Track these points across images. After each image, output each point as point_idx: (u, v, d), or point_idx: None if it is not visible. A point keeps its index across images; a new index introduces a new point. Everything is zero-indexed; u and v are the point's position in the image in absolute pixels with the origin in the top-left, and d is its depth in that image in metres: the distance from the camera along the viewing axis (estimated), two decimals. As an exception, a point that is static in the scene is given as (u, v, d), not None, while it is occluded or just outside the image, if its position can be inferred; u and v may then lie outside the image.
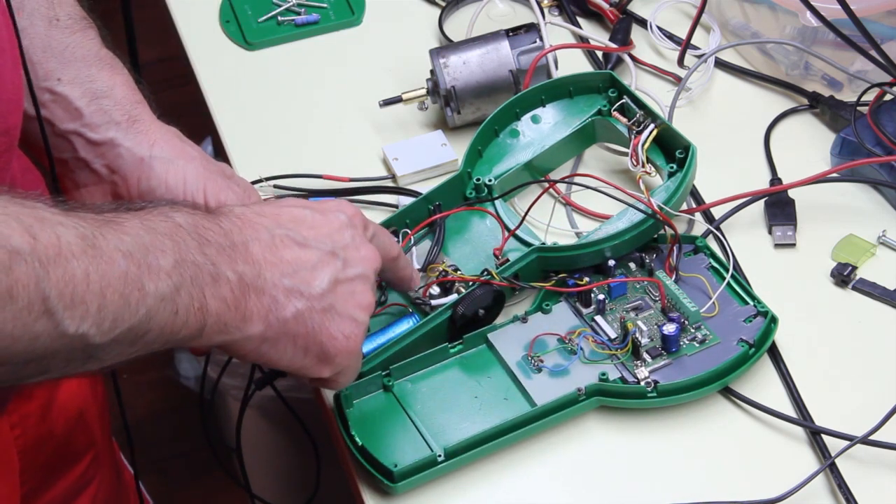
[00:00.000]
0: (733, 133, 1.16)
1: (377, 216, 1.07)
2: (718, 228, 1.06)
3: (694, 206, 1.08)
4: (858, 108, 1.11)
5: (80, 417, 1.12)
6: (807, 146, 1.14)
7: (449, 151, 1.13)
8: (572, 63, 1.22)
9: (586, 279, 0.99)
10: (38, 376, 0.71)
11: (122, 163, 0.96)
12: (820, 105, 1.16)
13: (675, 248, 1.00)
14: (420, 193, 1.05)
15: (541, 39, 1.15)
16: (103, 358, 0.73)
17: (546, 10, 1.27)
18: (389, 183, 1.12)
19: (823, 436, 0.92)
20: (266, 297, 0.80)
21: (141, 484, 1.33)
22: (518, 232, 1.02)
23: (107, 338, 0.71)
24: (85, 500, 1.14)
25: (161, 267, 0.73)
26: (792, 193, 1.08)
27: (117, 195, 0.97)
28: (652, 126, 1.05)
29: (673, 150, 1.05)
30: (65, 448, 1.10)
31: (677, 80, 1.19)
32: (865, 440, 0.91)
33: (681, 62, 1.20)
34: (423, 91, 1.16)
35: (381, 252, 0.89)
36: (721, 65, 1.22)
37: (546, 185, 1.08)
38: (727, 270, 1.00)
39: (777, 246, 1.06)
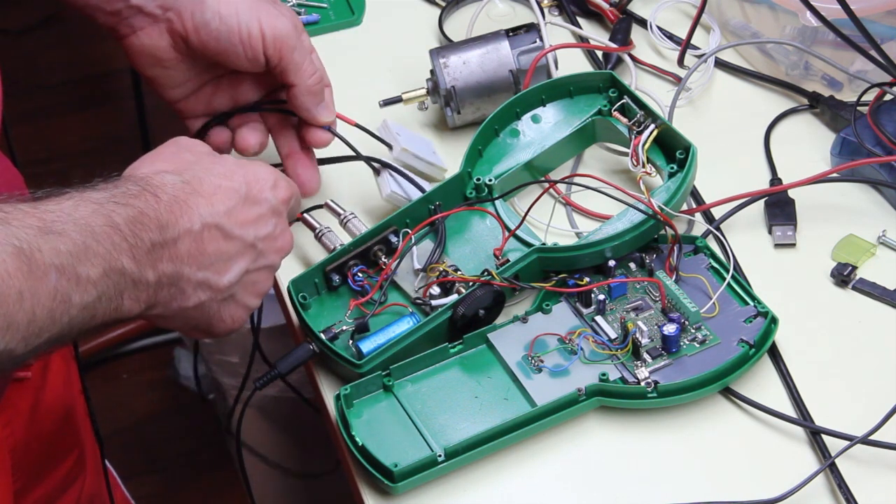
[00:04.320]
0: (733, 133, 1.16)
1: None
2: (718, 228, 1.06)
3: (694, 206, 1.08)
4: (858, 108, 1.11)
5: (67, 417, 1.12)
6: (807, 146, 1.14)
7: (439, 158, 1.12)
8: (572, 63, 1.22)
9: (586, 279, 0.99)
10: None
11: (173, 1, 0.98)
12: (820, 105, 1.16)
13: (675, 248, 1.00)
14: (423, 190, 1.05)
15: (541, 39, 1.15)
16: (21, 362, 0.75)
17: (546, 10, 1.27)
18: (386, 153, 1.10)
19: (823, 436, 0.92)
20: (175, 289, 0.83)
21: (123, 485, 1.34)
22: (518, 232, 1.02)
23: (29, 349, 0.73)
24: (70, 497, 1.15)
25: (89, 277, 0.75)
26: (792, 193, 1.08)
27: (174, 31, 0.99)
28: (652, 126, 1.05)
29: (673, 150, 1.05)
30: (52, 447, 1.11)
31: (677, 80, 1.19)
32: (865, 440, 0.91)
33: (681, 62, 1.20)
34: (423, 91, 1.16)
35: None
36: (721, 65, 1.22)
37: (546, 185, 1.08)
38: (727, 270, 1.00)
39: (777, 246, 1.06)
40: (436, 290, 0.99)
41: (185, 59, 1.01)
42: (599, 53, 1.23)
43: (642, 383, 0.94)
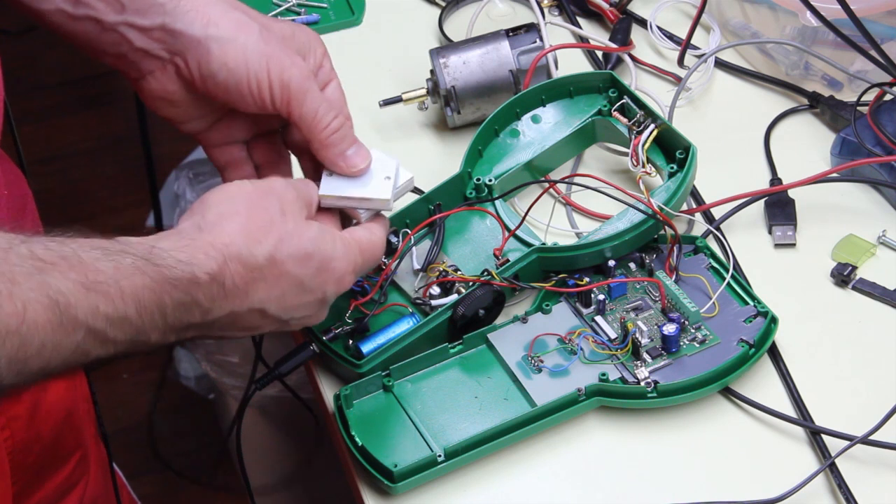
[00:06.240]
0: (733, 133, 1.16)
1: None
2: (718, 228, 1.06)
3: (694, 206, 1.08)
4: (858, 108, 1.11)
5: (67, 419, 1.12)
6: (807, 146, 1.14)
7: (385, 187, 0.93)
8: (572, 63, 1.22)
9: (586, 279, 0.99)
10: None
11: (179, 45, 0.92)
12: (820, 105, 1.16)
13: (675, 248, 1.00)
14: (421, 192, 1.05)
15: (541, 39, 1.15)
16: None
17: (546, 10, 1.27)
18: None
19: (823, 436, 0.92)
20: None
21: (129, 485, 1.33)
22: (518, 232, 1.02)
23: (28, 385, 0.73)
24: (72, 500, 1.15)
25: (115, 340, 0.75)
26: (792, 193, 1.08)
27: (182, 76, 0.94)
28: (652, 126, 1.05)
29: (673, 150, 1.05)
30: (52, 449, 1.10)
31: (677, 80, 1.19)
32: (865, 440, 0.91)
33: (681, 62, 1.20)
34: (423, 91, 1.16)
35: None
36: (721, 65, 1.22)
37: (546, 185, 1.08)
38: (727, 270, 1.00)
39: (777, 246, 1.06)
40: (436, 290, 0.99)
41: (198, 98, 0.96)
42: (599, 53, 1.23)
43: (642, 383, 0.94)
